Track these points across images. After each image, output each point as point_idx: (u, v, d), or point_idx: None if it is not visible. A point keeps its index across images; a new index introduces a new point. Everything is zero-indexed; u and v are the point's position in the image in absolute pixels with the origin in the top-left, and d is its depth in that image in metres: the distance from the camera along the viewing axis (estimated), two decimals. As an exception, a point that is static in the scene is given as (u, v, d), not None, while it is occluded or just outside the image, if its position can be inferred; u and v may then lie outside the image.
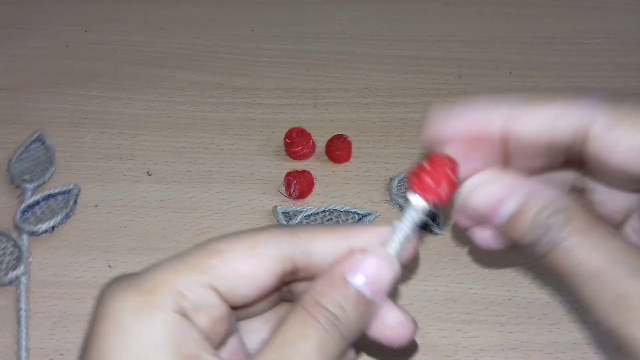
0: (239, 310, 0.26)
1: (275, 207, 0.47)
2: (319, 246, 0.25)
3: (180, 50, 0.62)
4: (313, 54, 0.61)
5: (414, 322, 0.27)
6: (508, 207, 0.26)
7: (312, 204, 0.48)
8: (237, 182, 0.49)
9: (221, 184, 0.49)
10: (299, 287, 0.27)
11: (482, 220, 0.27)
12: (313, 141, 0.51)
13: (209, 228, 0.46)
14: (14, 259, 0.43)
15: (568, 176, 0.29)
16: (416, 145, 0.52)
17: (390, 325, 0.26)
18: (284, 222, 0.45)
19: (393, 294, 0.27)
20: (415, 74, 0.59)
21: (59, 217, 0.45)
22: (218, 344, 0.25)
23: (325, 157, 0.51)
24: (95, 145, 0.52)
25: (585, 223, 0.24)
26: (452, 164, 0.26)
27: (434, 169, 0.26)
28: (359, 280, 0.24)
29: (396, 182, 0.46)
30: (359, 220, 0.46)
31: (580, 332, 0.40)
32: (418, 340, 0.40)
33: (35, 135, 0.52)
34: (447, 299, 0.42)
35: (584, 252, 0.24)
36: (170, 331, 0.22)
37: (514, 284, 0.43)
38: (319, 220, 0.46)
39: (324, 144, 0.51)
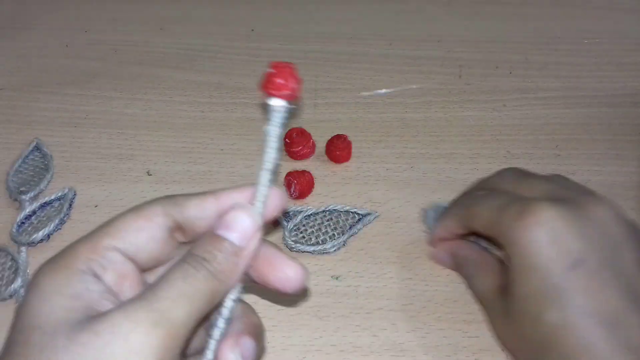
0: (150, 268, 0.30)
1: (275, 207, 0.47)
2: (191, 205, 0.30)
3: (180, 50, 0.62)
4: (313, 54, 0.61)
5: (304, 268, 0.30)
6: None
7: (312, 204, 0.48)
8: (237, 182, 0.49)
9: (221, 184, 0.49)
10: None
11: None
12: (313, 141, 0.51)
13: (209, 228, 0.46)
14: (12, 273, 0.42)
15: None
16: (416, 145, 0.52)
17: (284, 270, 0.30)
18: (284, 222, 0.45)
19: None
20: (415, 74, 0.59)
21: (52, 225, 0.45)
22: (131, 296, 0.28)
23: (325, 157, 0.51)
24: (95, 145, 0.52)
25: None
26: (292, 65, 0.31)
27: (279, 71, 0.31)
28: (227, 233, 0.28)
29: (432, 212, 0.45)
30: (359, 220, 0.46)
31: (580, 332, 0.40)
32: (418, 340, 0.40)
33: (33, 145, 0.51)
34: (447, 299, 0.42)
35: None
36: (73, 284, 0.26)
37: (514, 284, 0.43)
38: (319, 220, 0.46)
39: (324, 144, 0.51)
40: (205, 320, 0.29)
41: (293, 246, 0.44)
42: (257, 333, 0.30)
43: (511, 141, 0.53)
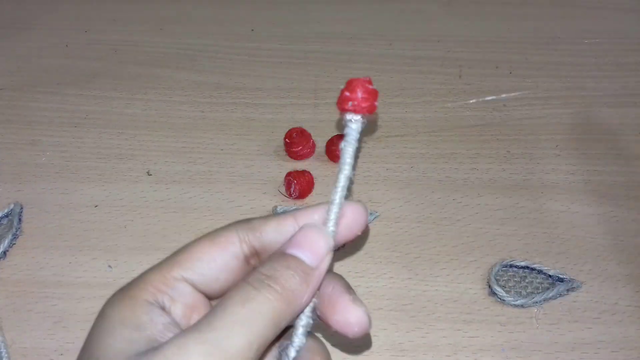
0: (220, 296, 0.29)
1: (275, 207, 0.47)
2: (269, 229, 0.28)
3: (180, 50, 0.62)
4: (313, 54, 0.61)
5: (369, 317, 0.28)
6: None
7: (312, 204, 0.47)
8: (237, 182, 0.49)
9: (221, 184, 0.49)
10: None
11: None
12: (313, 141, 0.51)
13: (209, 228, 0.46)
14: None
15: None
16: (416, 145, 0.52)
17: (345, 315, 0.28)
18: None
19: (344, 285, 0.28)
20: (415, 74, 0.59)
21: (6, 241, 0.44)
22: None
23: (325, 157, 0.51)
24: (95, 145, 0.52)
25: None
26: (366, 80, 0.30)
27: (353, 87, 0.30)
28: (298, 252, 0.27)
29: (496, 268, 0.43)
30: (359, 220, 0.46)
31: (580, 332, 0.40)
32: (418, 340, 0.40)
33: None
34: (447, 299, 0.42)
35: None
36: (138, 316, 0.25)
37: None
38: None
39: (324, 144, 0.51)
40: (278, 339, 0.28)
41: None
42: None
43: (511, 141, 0.53)
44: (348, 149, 0.29)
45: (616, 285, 0.43)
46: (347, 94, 0.30)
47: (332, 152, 0.50)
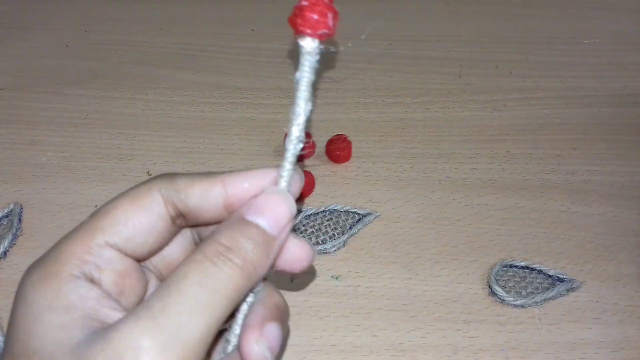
0: (149, 258, 0.27)
1: (275, 207, 0.46)
2: (195, 193, 0.26)
3: (180, 50, 0.62)
4: (313, 54, 0.61)
5: (312, 245, 0.28)
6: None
7: (312, 204, 0.48)
8: (237, 182, 0.49)
9: (221, 184, 0.49)
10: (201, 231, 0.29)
11: None
12: (313, 141, 0.51)
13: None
14: None
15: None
16: (416, 145, 0.52)
17: (292, 253, 0.27)
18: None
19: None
20: (416, 74, 0.59)
21: (6, 242, 0.44)
22: (134, 294, 0.26)
23: (325, 157, 0.51)
24: (95, 145, 0.52)
25: None
26: None
27: (312, 3, 0.26)
28: (259, 219, 0.25)
29: (496, 268, 0.43)
30: (359, 220, 0.46)
31: (580, 332, 0.40)
32: (418, 340, 0.40)
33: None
34: (447, 299, 0.42)
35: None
36: (65, 294, 0.23)
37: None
38: (319, 220, 0.46)
39: (324, 144, 0.51)
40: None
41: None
42: (282, 316, 0.27)
43: (511, 141, 0.53)
44: (305, 78, 0.26)
45: (616, 285, 0.43)
46: (314, 16, 0.26)
47: (332, 152, 0.50)
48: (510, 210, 0.47)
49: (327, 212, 0.46)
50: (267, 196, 0.25)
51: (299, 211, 0.46)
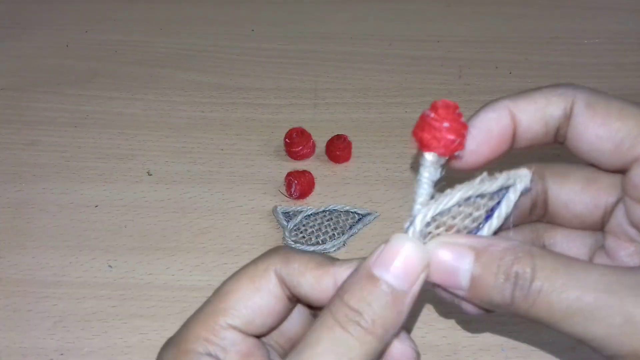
0: (269, 334, 0.28)
1: (275, 207, 0.47)
2: (306, 282, 0.26)
3: (180, 50, 0.62)
4: (313, 54, 0.61)
5: (418, 353, 0.27)
6: (464, 275, 0.24)
7: (312, 204, 0.48)
8: (237, 182, 0.49)
9: (221, 184, 0.49)
10: None
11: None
12: (313, 141, 0.51)
13: (209, 228, 0.46)
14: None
15: (526, 236, 0.30)
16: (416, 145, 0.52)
17: (399, 349, 0.26)
18: (284, 222, 0.45)
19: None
20: (415, 74, 0.59)
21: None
22: None
23: (325, 157, 0.51)
24: (95, 145, 0.52)
25: (557, 262, 0.23)
26: (454, 107, 0.24)
27: (438, 115, 0.24)
28: (388, 275, 0.23)
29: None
30: (359, 220, 0.46)
31: (580, 332, 0.40)
32: (418, 340, 0.40)
33: None
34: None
35: (570, 291, 0.23)
36: None
37: (514, 284, 0.43)
38: (319, 220, 0.46)
39: (324, 144, 0.51)
40: None
41: (293, 246, 0.44)
42: None
43: (511, 141, 0.53)
44: (424, 187, 0.25)
45: (616, 285, 0.43)
46: (437, 133, 0.23)
47: (332, 152, 0.50)
48: (510, 210, 0.47)
49: (327, 212, 0.46)
50: (394, 244, 0.24)
51: (299, 211, 0.46)
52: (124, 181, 0.49)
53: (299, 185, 0.47)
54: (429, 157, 0.25)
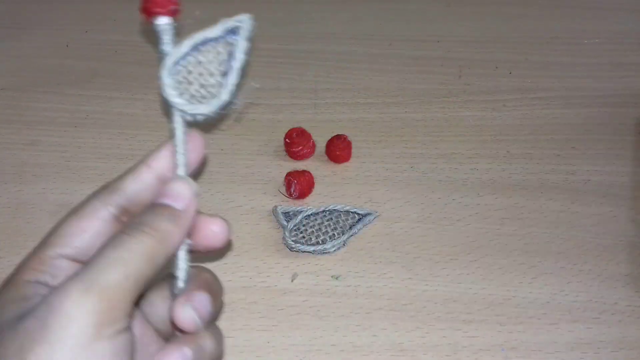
0: None
1: (275, 207, 0.47)
2: (127, 185, 0.30)
3: (180, 50, 0.62)
4: (313, 54, 0.61)
5: (226, 220, 0.31)
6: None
7: (312, 204, 0.48)
8: (237, 182, 0.49)
9: (221, 184, 0.49)
10: None
11: None
12: (313, 141, 0.51)
13: (209, 228, 0.46)
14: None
15: None
16: (416, 145, 0.52)
17: (210, 230, 0.31)
18: (284, 222, 0.45)
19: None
20: (415, 74, 0.59)
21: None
22: None
23: (325, 157, 0.51)
24: (95, 145, 0.52)
25: None
26: None
27: None
28: (166, 200, 0.29)
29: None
30: (359, 220, 0.46)
31: (580, 332, 0.40)
32: (418, 340, 0.40)
33: None
34: (447, 299, 0.42)
35: None
36: (23, 291, 0.27)
37: (514, 284, 0.43)
38: (319, 220, 0.46)
39: (324, 144, 0.51)
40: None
41: (293, 246, 0.44)
42: (212, 288, 0.30)
43: (511, 141, 0.53)
44: (169, 52, 0.30)
45: (616, 285, 0.43)
46: None
47: (332, 152, 0.50)
48: (510, 210, 0.47)
49: (327, 212, 0.46)
50: (169, 184, 0.29)
51: (299, 211, 0.46)
52: (124, 181, 0.49)
53: (299, 185, 0.47)
54: (159, 22, 0.31)
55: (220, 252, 0.30)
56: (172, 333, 0.31)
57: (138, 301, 0.30)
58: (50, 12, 0.67)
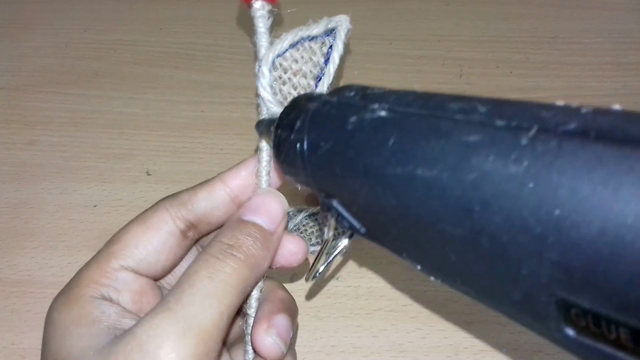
0: (164, 275, 0.29)
1: (275, 207, 0.46)
2: (200, 199, 0.28)
3: (180, 50, 0.62)
4: (313, 54, 0.61)
5: (305, 241, 0.30)
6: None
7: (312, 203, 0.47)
8: (237, 182, 0.49)
9: (221, 184, 0.49)
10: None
11: None
12: (313, 141, 0.51)
13: (209, 228, 0.46)
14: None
15: None
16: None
17: (287, 249, 0.29)
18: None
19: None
20: (416, 74, 0.59)
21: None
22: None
23: (326, 157, 0.51)
24: (95, 144, 0.52)
25: None
26: None
27: None
28: (256, 218, 0.27)
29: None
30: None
31: (581, 333, 0.40)
32: (419, 341, 0.40)
33: None
34: (447, 300, 0.42)
35: None
36: (88, 312, 0.25)
37: (515, 284, 0.43)
38: (319, 220, 0.46)
39: (324, 144, 0.51)
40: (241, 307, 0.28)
41: (293, 246, 0.44)
42: (289, 308, 0.29)
43: (512, 141, 0.53)
44: (263, 39, 0.27)
45: (617, 285, 0.43)
46: None
47: (332, 152, 0.50)
48: (510, 210, 0.47)
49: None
50: (259, 197, 0.27)
51: (299, 211, 0.46)
52: (123, 181, 0.49)
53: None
54: (257, 5, 0.28)
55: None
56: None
57: None
58: (50, 12, 0.67)
